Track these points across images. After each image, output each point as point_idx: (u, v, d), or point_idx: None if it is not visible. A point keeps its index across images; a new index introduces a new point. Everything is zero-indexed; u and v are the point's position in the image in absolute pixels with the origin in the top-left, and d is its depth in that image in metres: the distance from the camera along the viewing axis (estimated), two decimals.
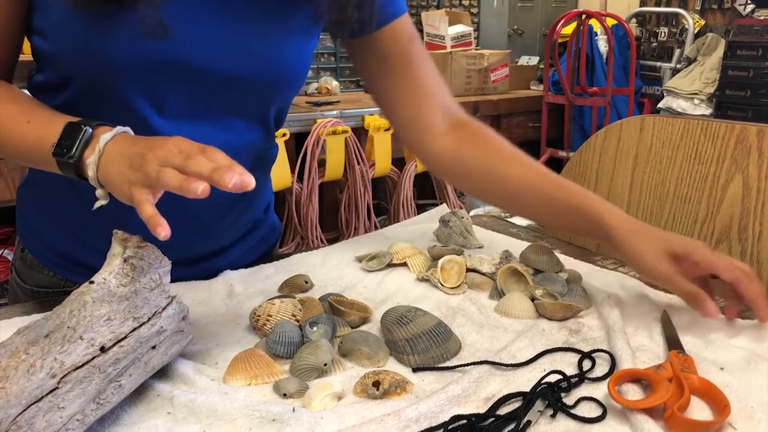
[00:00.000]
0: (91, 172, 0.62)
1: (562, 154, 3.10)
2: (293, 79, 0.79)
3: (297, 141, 2.63)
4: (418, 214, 1.85)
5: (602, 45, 3.33)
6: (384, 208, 3.05)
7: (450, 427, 0.55)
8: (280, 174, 2.48)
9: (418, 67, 0.84)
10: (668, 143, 0.98)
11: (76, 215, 0.81)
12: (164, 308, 0.62)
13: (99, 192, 0.63)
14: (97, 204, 0.63)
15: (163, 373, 0.65)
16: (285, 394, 0.61)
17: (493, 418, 0.57)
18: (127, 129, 0.64)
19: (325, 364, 0.65)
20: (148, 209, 0.55)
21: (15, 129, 0.67)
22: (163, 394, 0.61)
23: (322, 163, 2.68)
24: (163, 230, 0.53)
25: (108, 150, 0.62)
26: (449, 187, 2.94)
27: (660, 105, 3.20)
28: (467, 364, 0.65)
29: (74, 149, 0.63)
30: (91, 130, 0.63)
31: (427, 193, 3.14)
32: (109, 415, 0.58)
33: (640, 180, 1.03)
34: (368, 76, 0.87)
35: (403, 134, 0.88)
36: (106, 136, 0.62)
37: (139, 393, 0.62)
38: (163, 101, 0.72)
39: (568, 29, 3.13)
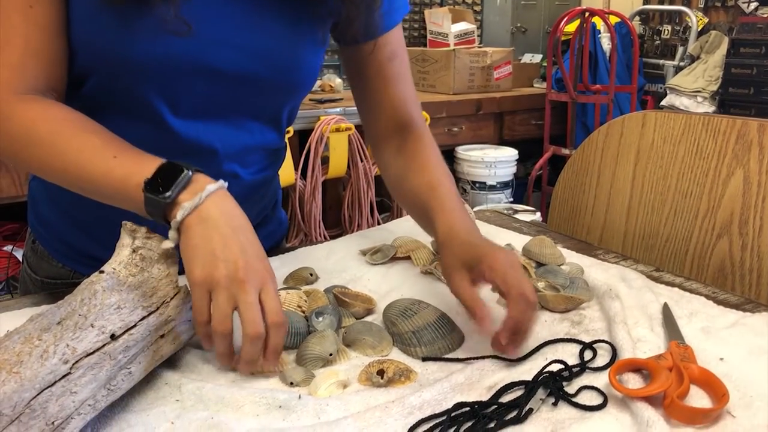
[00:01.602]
0: (180, 216, 0.61)
1: (565, 151, 3.10)
2: (306, 80, 0.80)
3: (300, 138, 2.64)
4: None
5: (605, 43, 3.33)
6: (387, 206, 3.06)
7: (453, 414, 0.56)
8: (284, 171, 2.47)
9: (387, 86, 0.87)
10: (670, 138, 0.99)
11: (85, 207, 0.82)
12: (172, 298, 0.63)
13: (172, 235, 0.62)
14: (164, 245, 0.63)
15: (171, 361, 0.66)
16: (291, 383, 0.63)
17: (495, 406, 0.58)
18: (225, 184, 0.65)
19: (331, 354, 0.66)
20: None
21: (99, 162, 0.65)
22: (171, 382, 0.63)
23: (325, 161, 2.69)
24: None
25: (207, 204, 0.62)
26: None
27: (663, 103, 3.20)
28: (475, 358, 0.66)
29: (171, 190, 0.61)
30: (191, 173, 0.63)
31: None
32: (119, 401, 0.59)
33: (642, 175, 1.04)
34: (348, 77, 0.91)
35: (366, 138, 0.92)
36: (211, 186, 0.62)
37: (148, 381, 0.63)
38: (179, 100, 0.73)
39: (571, 27, 3.13)
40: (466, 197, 3.04)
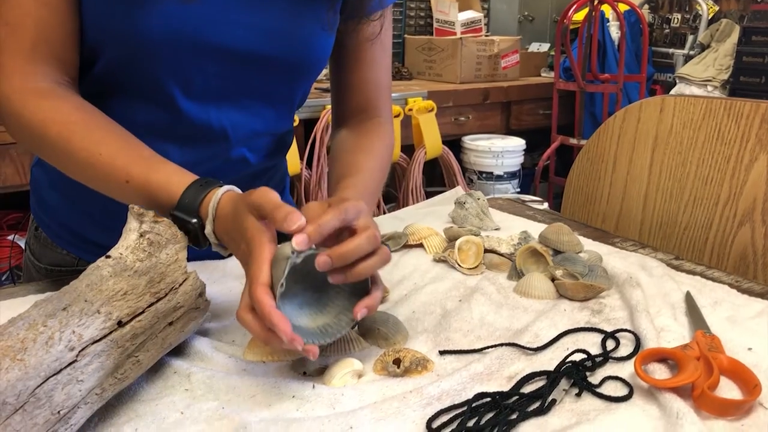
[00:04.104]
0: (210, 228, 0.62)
1: (573, 141, 3.06)
2: (318, 59, 0.78)
3: (306, 127, 2.61)
4: None
5: (614, 31, 3.28)
6: (393, 196, 3.03)
7: (474, 405, 0.54)
8: (289, 160, 2.44)
9: (361, 68, 0.85)
10: (689, 123, 0.96)
11: (88, 193, 0.80)
12: (181, 284, 0.61)
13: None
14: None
15: (179, 350, 0.64)
16: (304, 372, 0.61)
17: (517, 396, 0.56)
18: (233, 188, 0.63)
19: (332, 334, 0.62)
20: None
21: (113, 185, 0.65)
22: (180, 371, 0.61)
23: (330, 151, 2.66)
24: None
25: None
26: (458, 175, 2.92)
27: (672, 92, 3.16)
28: (492, 346, 0.64)
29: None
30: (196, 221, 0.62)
31: (435, 180, 3.12)
32: (126, 391, 0.57)
33: (660, 161, 1.01)
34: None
35: (332, 120, 0.91)
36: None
37: (156, 370, 0.61)
38: (191, 82, 0.71)
39: (580, 15, 3.09)
40: (472, 188, 3.01)
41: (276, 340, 0.54)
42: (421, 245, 0.91)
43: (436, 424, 0.52)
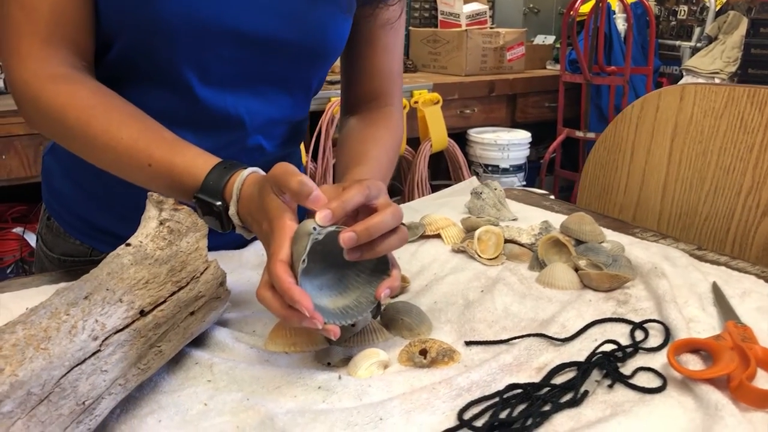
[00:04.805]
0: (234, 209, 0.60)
1: (579, 134, 3.04)
2: (336, 43, 0.77)
3: (311, 119, 2.59)
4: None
5: (620, 23, 3.26)
6: (398, 189, 3.01)
7: (505, 396, 0.53)
8: None
9: (375, 54, 0.83)
10: (711, 112, 0.95)
11: (103, 181, 0.79)
12: (202, 273, 0.60)
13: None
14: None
15: (200, 340, 0.63)
16: (329, 363, 0.59)
17: (549, 388, 0.54)
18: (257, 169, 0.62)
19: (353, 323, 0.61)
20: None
21: (135, 169, 0.64)
22: (201, 362, 0.59)
23: (336, 142, 2.64)
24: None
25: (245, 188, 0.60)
26: (464, 168, 2.90)
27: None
28: (519, 337, 0.62)
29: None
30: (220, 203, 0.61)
31: (441, 173, 3.11)
32: (148, 382, 0.56)
33: (680, 151, 0.99)
34: None
35: (340, 108, 0.89)
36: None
37: (177, 361, 0.60)
38: (208, 67, 0.70)
39: (586, 7, 3.07)
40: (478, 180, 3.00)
41: (296, 317, 0.52)
42: (438, 236, 0.90)
43: (467, 415, 0.51)
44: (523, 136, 2.94)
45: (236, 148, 0.77)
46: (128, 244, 0.58)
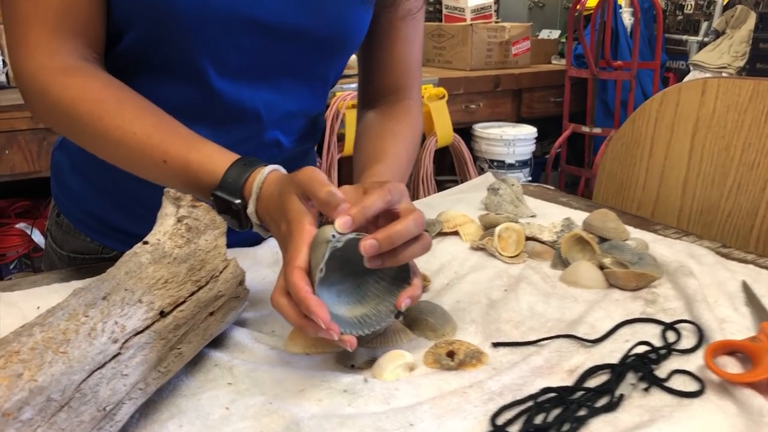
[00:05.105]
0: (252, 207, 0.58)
1: (585, 129, 3.02)
2: (355, 33, 0.75)
3: None
4: (438, 190, 1.77)
5: (626, 18, 3.23)
6: None
7: (539, 400, 0.51)
8: None
9: (394, 46, 0.81)
10: (734, 106, 0.93)
11: (115, 178, 0.77)
12: (221, 272, 0.58)
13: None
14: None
15: (218, 341, 0.61)
16: (353, 365, 0.57)
17: (583, 391, 0.52)
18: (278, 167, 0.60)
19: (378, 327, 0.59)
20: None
21: (149, 163, 0.62)
22: (221, 364, 0.57)
23: (341, 138, 2.62)
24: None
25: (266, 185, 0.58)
26: (470, 164, 2.88)
27: (686, 80, 3.11)
28: (548, 338, 0.60)
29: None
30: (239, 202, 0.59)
31: (445, 169, 3.09)
32: (167, 385, 0.54)
33: (701, 146, 0.97)
34: None
35: (358, 102, 0.87)
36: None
37: (196, 362, 0.58)
38: (224, 58, 0.68)
39: (593, 1, 3.04)
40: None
41: (311, 328, 0.50)
42: (456, 233, 0.88)
43: (500, 420, 0.49)
44: (529, 131, 2.92)
45: (253, 143, 0.75)
46: (145, 242, 0.56)
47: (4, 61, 2.14)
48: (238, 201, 0.58)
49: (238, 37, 0.67)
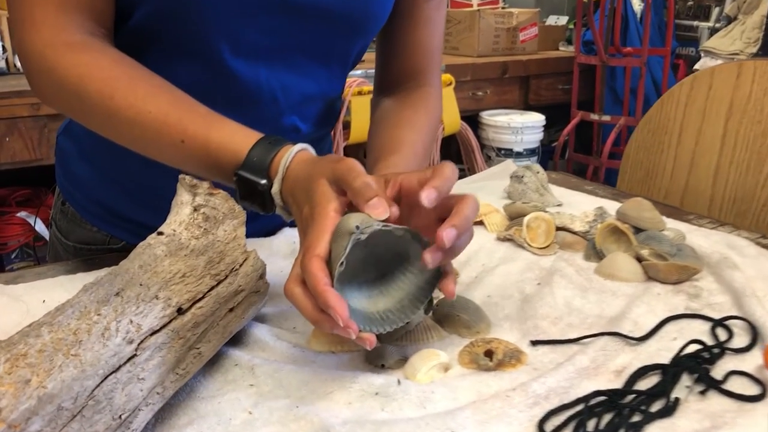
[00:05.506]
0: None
1: (594, 117, 2.97)
2: (379, 15, 0.70)
3: None
4: None
5: (636, 3, 3.17)
6: None
7: (590, 403, 0.47)
8: None
9: (415, 29, 0.77)
10: None
11: (120, 160, 0.73)
12: (241, 264, 0.54)
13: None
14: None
15: (237, 338, 0.57)
16: (383, 365, 0.53)
17: (635, 395, 0.48)
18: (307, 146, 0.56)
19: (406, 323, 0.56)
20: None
21: (166, 144, 0.57)
22: (241, 363, 0.53)
23: (347, 125, 2.57)
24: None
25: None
26: (477, 152, 2.83)
27: (696, 66, 3.06)
28: (590, 336, 0.56)
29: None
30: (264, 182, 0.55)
31: (452, 157, 3.04)
32: (183, 387, 0.50)
33: (735, 131, 0.93)
34: None
35: (374, 86, 0.83)
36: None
37: (214, 362, 0.54)
38: (240, 37, 0.63)
39: None
40: (490, 164, 2.93)
41: (327, 323, 0.46)
42: (480, 222, 0.84)
43: (548, 427, 0.45)
44: (537, 118, 2.87)
45: (269, 127, 0.70)
46: (160, 233, 0.52)
47: (3, 47, 2.09)
48: (264, 181, 0.54)
49: (256, 14, 0.62)
